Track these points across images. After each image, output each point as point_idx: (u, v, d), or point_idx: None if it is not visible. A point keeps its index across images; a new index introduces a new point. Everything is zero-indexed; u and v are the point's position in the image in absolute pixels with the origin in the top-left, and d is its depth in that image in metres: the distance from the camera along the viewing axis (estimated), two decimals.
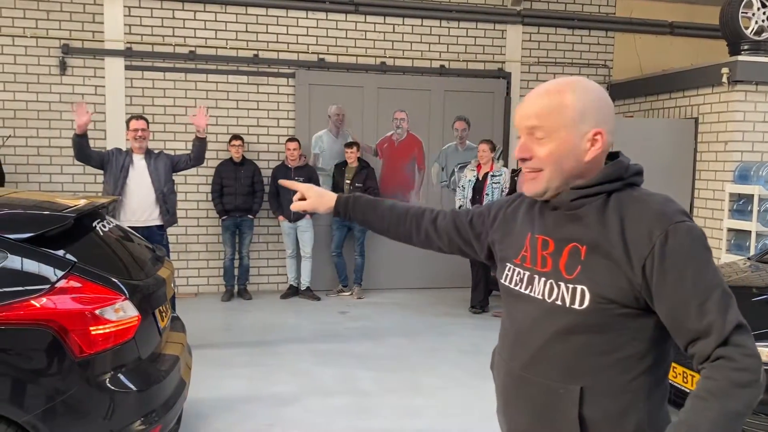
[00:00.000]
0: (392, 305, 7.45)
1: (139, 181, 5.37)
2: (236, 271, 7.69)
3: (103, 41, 7.44)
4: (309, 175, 7.67)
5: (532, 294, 1.48)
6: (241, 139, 7.60)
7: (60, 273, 2.77)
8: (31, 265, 2.75)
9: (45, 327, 2.65)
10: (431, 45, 8.30)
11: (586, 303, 1.38)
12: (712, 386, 1.30)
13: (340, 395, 4.65)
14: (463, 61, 8.39)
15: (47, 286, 2.72)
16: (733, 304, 1.34)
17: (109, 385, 2.79)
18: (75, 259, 2.83)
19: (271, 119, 7.96)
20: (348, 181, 7.77)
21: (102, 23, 7.42)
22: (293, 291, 7.78)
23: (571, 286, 1.40)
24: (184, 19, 7.61)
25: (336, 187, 7.85)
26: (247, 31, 7.78)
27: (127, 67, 7.51)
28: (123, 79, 7.51)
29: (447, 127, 8.35)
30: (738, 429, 1.31)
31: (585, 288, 1.38)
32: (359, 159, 7.84)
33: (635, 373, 1.40)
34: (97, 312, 2.75)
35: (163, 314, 3.33)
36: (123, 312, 2.85)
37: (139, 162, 5.41)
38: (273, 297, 7.73)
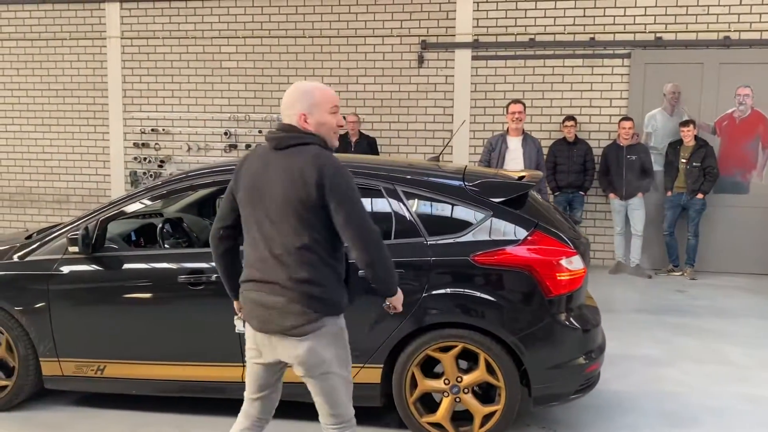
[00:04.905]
0: (734, 288, 7.26)
1: (512, 162, 6.07)
2: None
3: (454, 35, 8.42)
4: (641, 153, 7.80)
5: None
6: (574, 119, 8.01)
7: (527, 229, 3.48)
8: (507, 222, 3.50)
9: (523, 270, 3.37)
10: None
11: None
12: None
13: (711, 364, 4.85)
14: None
15: (520, 239, 3.45)
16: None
17: (565, 322, 3.44)
18: (537, 220, 3.52)
19: (603, 99, 8.23)
20: (684, 160, 7.71)
21: (454, 19, 8.40)
22: (621, 267, 8.01)
23: None
24: (525, 9, 8.23)
25: (670, 166, 7.85)
26: (584, 16, 8.13)
27: (474, 57, 8.40)
28: (469, 69, 8.42)
29: None
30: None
31: None
32: (696, 137, 7.71)
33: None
34: (560, 262, 3.40)
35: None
36: (575, 264, 3.46)
37: (512, 144, 6.13)
38: (601, 272, 8.05)
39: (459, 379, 3.45)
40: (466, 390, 3.44)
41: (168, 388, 3.79)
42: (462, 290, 3.41)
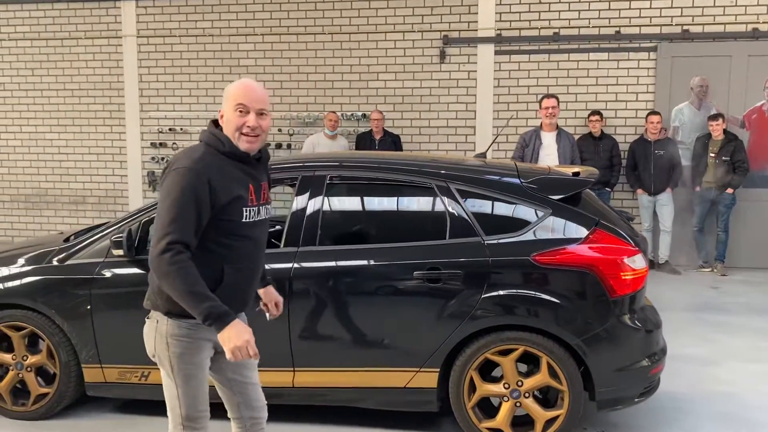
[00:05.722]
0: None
1: (546, 159, 5.95)
2: None
3: (476, 30, 8.30)
4: (669, 148, 7.67)
5: (262, 218, 2.38)
6: (600, 114, 7.88)
7: (588, 227, 3.36)
8: (567, 221, 3.38)
9: (587, 270, 3.26)
10: None
11: None
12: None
13: (760, 363, 4.74)
14: None
15: (581, 237, 3.33)
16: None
17: (629, 323, 3.32)
18: (597, 217, 3.41)
19: (629, 94, 8.10)
20: (713, 155, 7.59)
21: (476, 14, 8.27)
22: (649, 264, 7.88)
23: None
24: (549, 3, 8.10)
25: (698, 160, 7.73)
26: (609, 9, 8.00)
27: (497, 52, 8.27)
28: (492, 64, 8.30)
29: None
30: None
31: None
32: (725, 131, 7.59)
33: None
34: (625, 260, 3.29)
35: None
36: (637, 263, 3.35)
37: (546, 140, 6.01)
38: None
39: (519, 383, 3.33)
40: (526, 394, 3.33)
41: (214, 395, 3.67)
42: (523, 291, 3.30)
